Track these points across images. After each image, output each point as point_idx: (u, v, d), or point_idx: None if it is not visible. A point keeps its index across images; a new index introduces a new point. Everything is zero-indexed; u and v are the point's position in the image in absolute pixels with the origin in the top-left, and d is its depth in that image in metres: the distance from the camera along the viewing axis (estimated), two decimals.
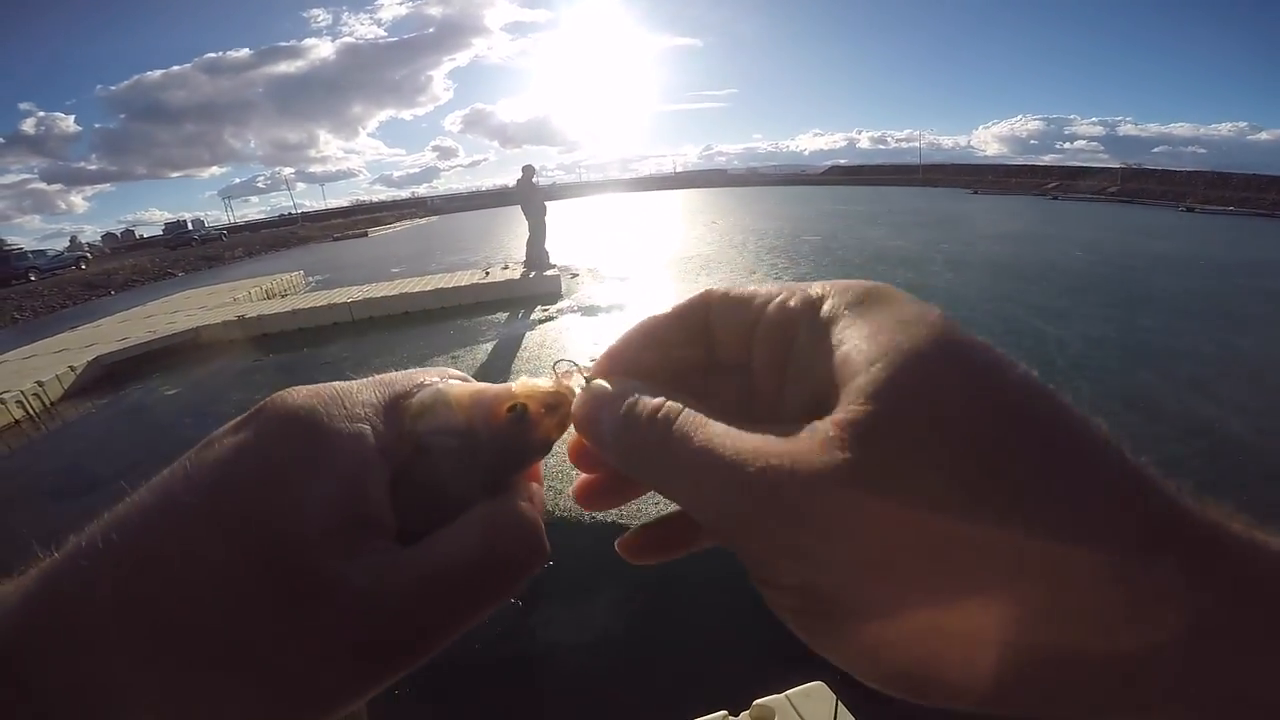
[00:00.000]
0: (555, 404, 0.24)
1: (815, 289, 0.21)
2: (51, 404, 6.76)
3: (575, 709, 2.25)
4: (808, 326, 0.20)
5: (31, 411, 6.47)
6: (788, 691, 1.92)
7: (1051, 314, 7.15)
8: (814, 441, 0.16)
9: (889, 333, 0.17)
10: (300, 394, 0.20)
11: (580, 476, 0.25)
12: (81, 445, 5.77)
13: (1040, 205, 21.97)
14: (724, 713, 1.89)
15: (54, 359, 7.99)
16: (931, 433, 0.15)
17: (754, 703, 1.93)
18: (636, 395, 0.21)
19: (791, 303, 0.21)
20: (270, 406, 0.20)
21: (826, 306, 0.19)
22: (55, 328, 11.65)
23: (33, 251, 26.97)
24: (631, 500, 0.25)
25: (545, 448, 0.23)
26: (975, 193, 29.46)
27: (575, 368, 0.25)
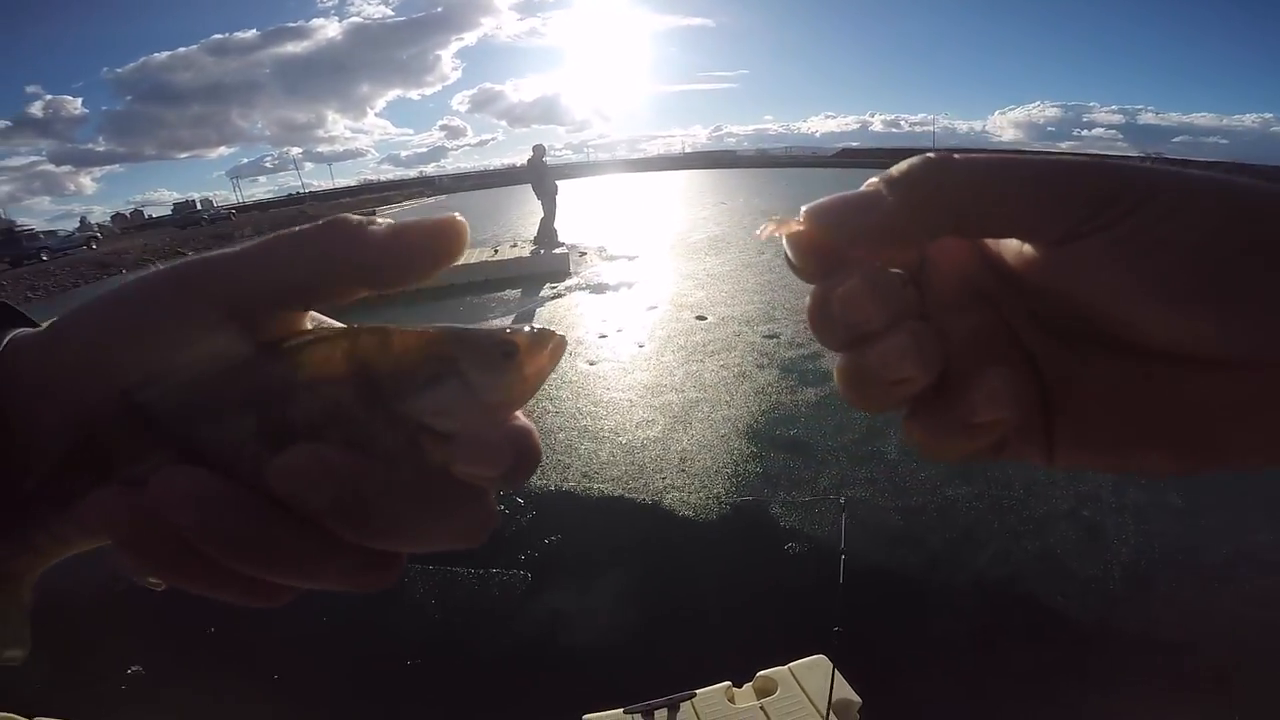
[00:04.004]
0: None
1: None
2: None
3: (581, 682, 2.30)
4: None
5: None
6: (790, 664, 1.96)
7: None
8: None
9: None
10: None
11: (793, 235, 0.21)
12: None
13: None
14: (728, 683, 1.94)
15: None
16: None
17: (757, 674, 1.98)
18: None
19: None
20: None
21: None
22: (69, 306, 11.72)
23: (44, 232, 27.12)
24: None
25: None
26: None
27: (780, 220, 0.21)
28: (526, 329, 0.19)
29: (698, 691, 1.87)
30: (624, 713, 1.83)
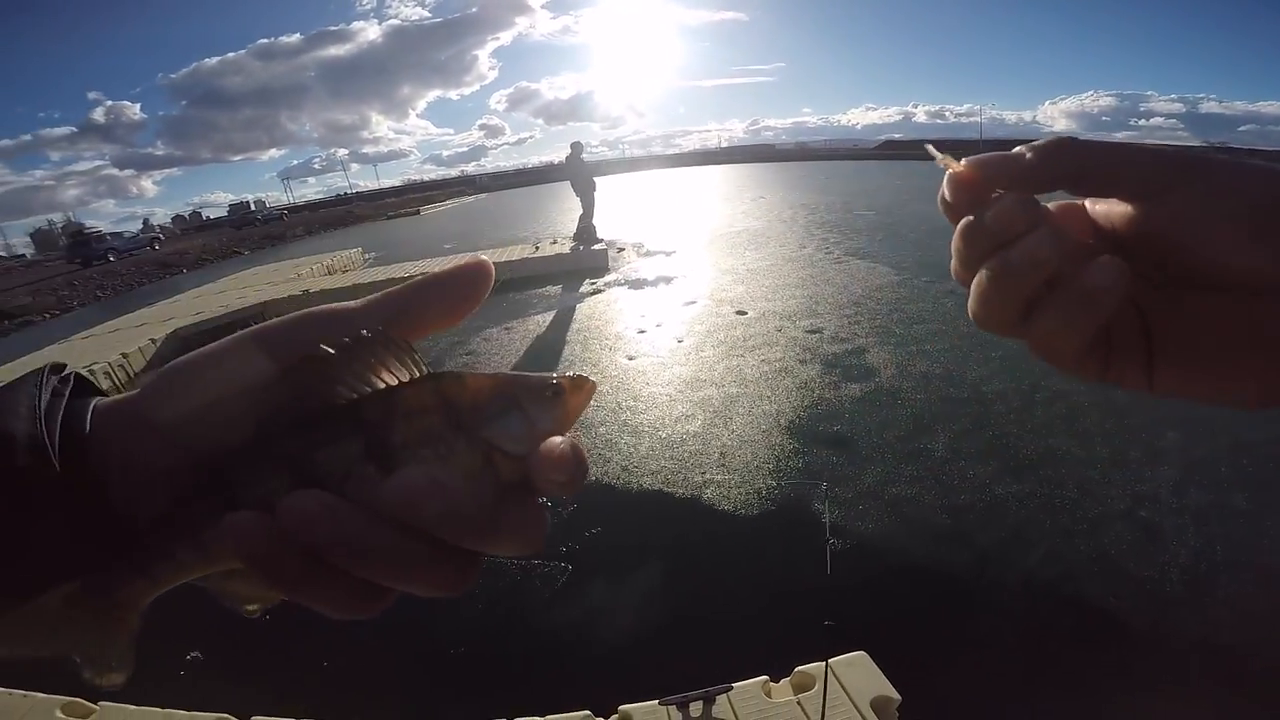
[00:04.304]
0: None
1: None
2: (135, 374, 7.26)
3: (619, 673, 2.33)
4: None
5: (117, 382, 6.95)
6: (830, 660, 1.95)
7: None
8: None
9: None
10: None
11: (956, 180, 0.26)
12: None
13: None
14: (765, 678, 1.94)
15: (135, 333, 8.53)
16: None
17: (795, 669, 1.97)
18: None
19: None
20: None
21: None
22: (135, 304, 12.38)
23: (110, 234, 28.70)
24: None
25: None
26: None
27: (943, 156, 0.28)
28: (570, 375, 0.24)
29: (734, 685, 1.88)
30: (660, 704, 1.85)
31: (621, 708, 1.88)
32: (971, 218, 0.25)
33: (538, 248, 10.57)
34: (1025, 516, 3.08)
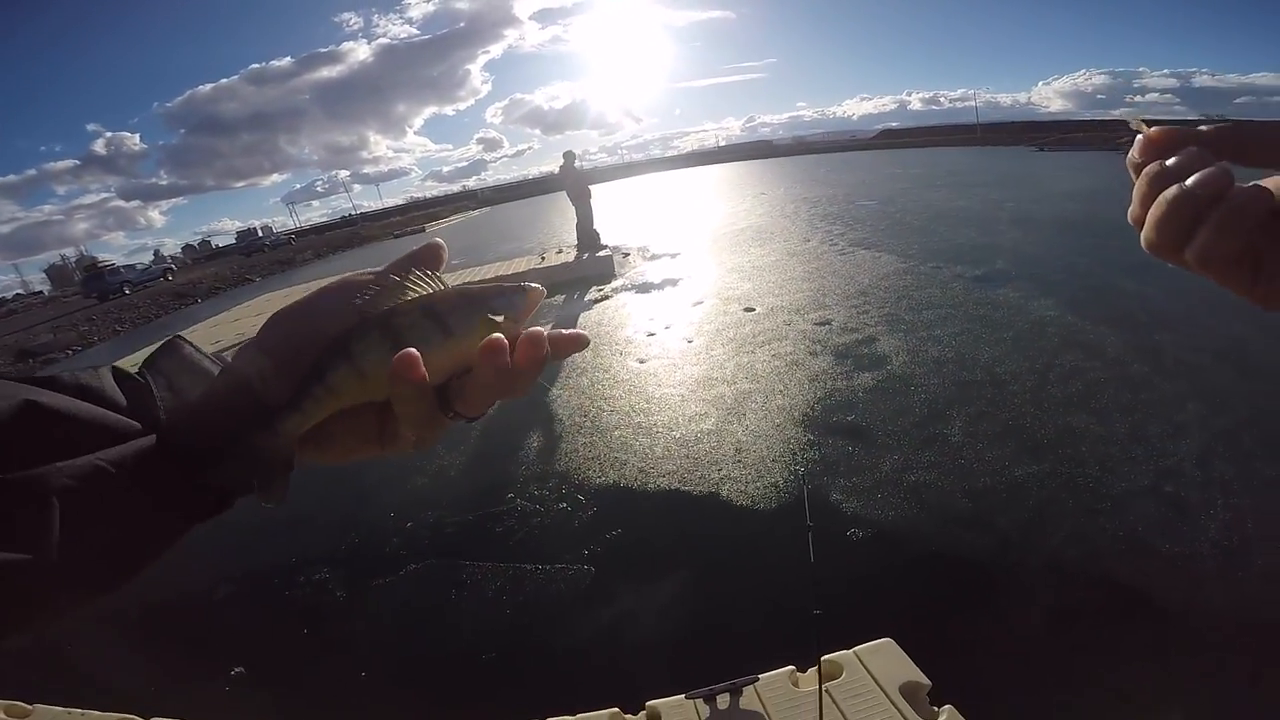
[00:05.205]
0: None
1: None
2: None
3: (645, 669, 2.34)
4: None
5: None
6: (856, 648, 1.94)
7: (1131, 268, 6.73)
8: None
9: None
10: None
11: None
12: None
13: (1113, 160, 20.47)
14: (791, 667, 1.94)
15: None
16: None
17: (822, 658, 1.96)
18: None
19: None
20: None
21: None
22: (153, 336, 12.58)
23: (124, 267, 29.04)
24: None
25: None
26: (1042, 149, 27.64)
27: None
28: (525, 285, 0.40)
29: (760, 676, 1.88)
30: (686, 698, 1.85)
31: (649, 703, 1.89)
32: (1156, 164, 0.31)
33: (544, 258, 10.63)
34: (1047, 497, 3.06)
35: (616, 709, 1.89)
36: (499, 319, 0.35)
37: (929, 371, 4.61)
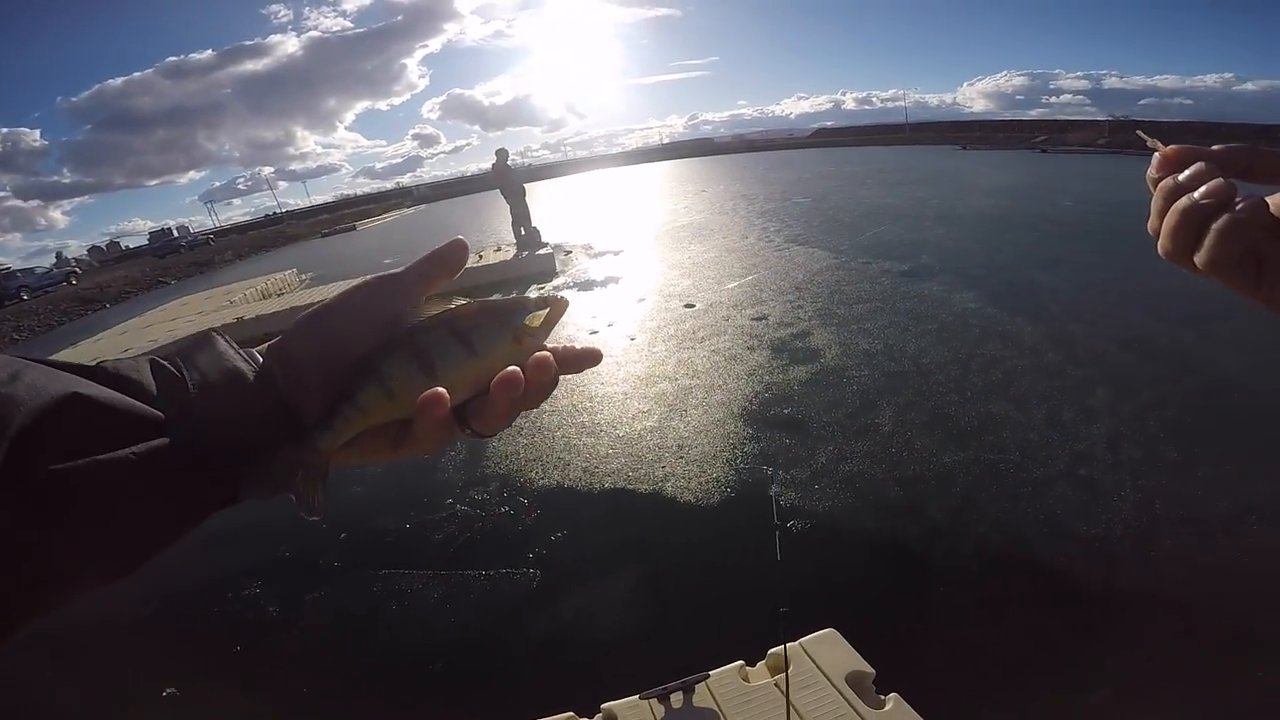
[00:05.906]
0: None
1: None
2: None
3: (598, 672, 2.33)
4: None
5: None
6: (801, 640, 1.99)
7: (1044, 262, 7.16)
8: None
9: None
10: None
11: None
12: None
13: (1030, 159, 21.67)
14: (741, 662, 1.97)
15: None
16: None
17: (769, 651, 2.00)
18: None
19: None
20: None
21: None
22: (56, 344, 11.67)
23: (20, 270, 26.73)
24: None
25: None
26: (964, 148, 29.03)
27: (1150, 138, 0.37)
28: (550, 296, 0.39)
29: (711, 673, 1.90)
30: (640, 698, 1.85)
31: (605, 705, 1.87)
32: (1170, 179, 0.34)
33: (481, 256, 10.40)
34: (972, 483, 3.22)
35: (571, 713, 1.86)
36: (523, 333, 0.36)
37: (860, 363, 4.76)
